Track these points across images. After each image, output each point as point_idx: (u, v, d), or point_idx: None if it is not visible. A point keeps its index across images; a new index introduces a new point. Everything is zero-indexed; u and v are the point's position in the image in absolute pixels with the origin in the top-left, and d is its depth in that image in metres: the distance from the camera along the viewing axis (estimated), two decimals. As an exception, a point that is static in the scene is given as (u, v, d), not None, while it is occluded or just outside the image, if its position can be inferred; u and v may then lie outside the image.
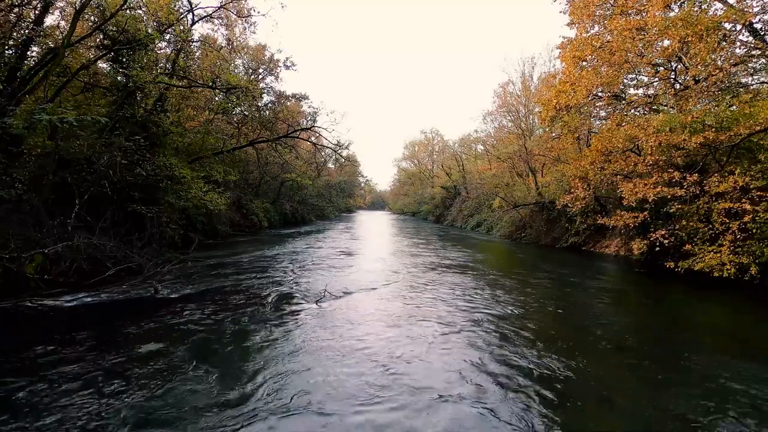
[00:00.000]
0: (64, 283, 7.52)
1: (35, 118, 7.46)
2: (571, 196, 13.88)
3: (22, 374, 4.24)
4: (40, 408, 3.62)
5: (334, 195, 50.06)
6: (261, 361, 4.75)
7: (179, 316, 6.40)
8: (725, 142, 9.45)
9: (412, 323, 6.35)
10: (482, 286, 9.33)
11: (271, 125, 20.08)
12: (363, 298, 7.97)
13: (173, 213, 12.23)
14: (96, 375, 4.27)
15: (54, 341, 5.13)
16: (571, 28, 14.21)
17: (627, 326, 6.85)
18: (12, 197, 7.76)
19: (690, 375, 4.69)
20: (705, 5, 11.09)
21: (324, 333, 5.78)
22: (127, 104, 11.12)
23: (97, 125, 9.05)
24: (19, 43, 9.44)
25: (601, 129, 14.84)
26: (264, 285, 8.85)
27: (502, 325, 6.34)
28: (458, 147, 44.76)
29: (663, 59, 11.96)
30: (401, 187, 69.38)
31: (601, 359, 5.26)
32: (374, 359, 4.88)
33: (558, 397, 4.08)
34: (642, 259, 13.22)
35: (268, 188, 30.66)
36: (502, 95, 30.17)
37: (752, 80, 11.73)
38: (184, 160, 14.23)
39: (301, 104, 26.75)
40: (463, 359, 4.95)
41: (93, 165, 9.39)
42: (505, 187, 24.72)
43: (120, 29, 10.79)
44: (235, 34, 17.07)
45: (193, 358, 4.74)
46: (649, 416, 3.77)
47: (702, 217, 10.33)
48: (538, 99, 18.27)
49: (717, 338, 6.42)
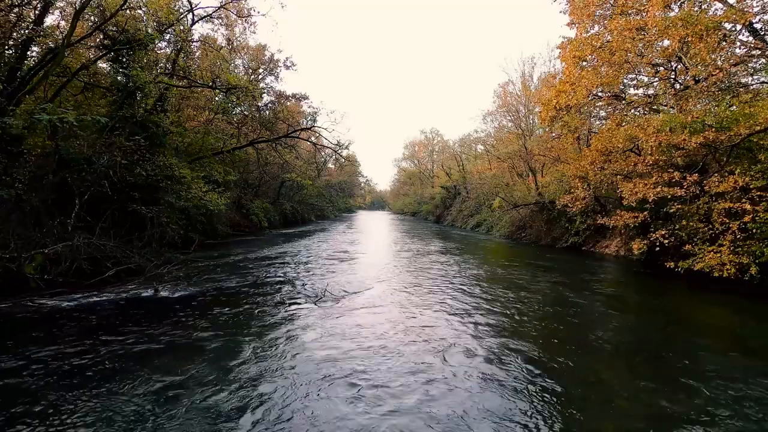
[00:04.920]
0: (64, 283, 7.52)
1: (35, 118, 7.47)
2: (571, 196, 13.88)
3: (22, 374, 4.24)
4: (40, 408, 3.62)
5: (334, 195, 50.05)
6: (261, 362, 4.75)
7: (179, 316, 6.40)
8: (725, 142, 9.44)
9: (412, 323, 6.35)
10: (482, 286, 9.33)
11: (271, 125, 20.07)
12: (363, 299, 7.97)
13: (173, 213, 12.21)
14: (96, 375, 4.27)
15: (54, 341, 5.14)
16: (571, 28, 14.22)
17: (627, 326, 6.85)
18: (12, 197, 7.75)
19: (690, 375, 4.69)
20: (705, 5, 11.09)
21: (324, 333, 5.77)
22: (127, 104, 11.11)
23: (97, 125, 9.05)
24: (19, 43, 9.44)
25: (601, 129, 14.84)
26: (264, 285, 8.85)
27: (502, 326, 6.34)
28: (458, 147, 44.79)
29: (663, 59, 11.95)
30: (401, 187, 69.41)
31: (601, 359, 5.26)
32: (374, 359, 4.88)
33: (558, 397, 4.08)
34: (642, 259, 13.22)
35: (268, 188, 30.64)
36: (502, 95, 30.21)
37: (752, 80, 11.72)
38: (184, 160, 14.21)
39: (301, 104, 26.77)
40: (462, 359, 4.95)
41: (93, 165, 9.38)
42: (505, 187, 24.73)
43: (120, 29, 10.78)
44: (235, 34, 17.06)
45: (192, 359, 4.74)
46: (649, 416, 3.77)
47: (702, 217, 10.32)
48: (538, 99, 18.27)
49: (717, 338, 6.42)
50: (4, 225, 7.40)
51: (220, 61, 15.97)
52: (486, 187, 28.40)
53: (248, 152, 22.03)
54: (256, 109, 19.37)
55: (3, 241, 7.18)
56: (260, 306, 7.14)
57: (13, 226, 7.54)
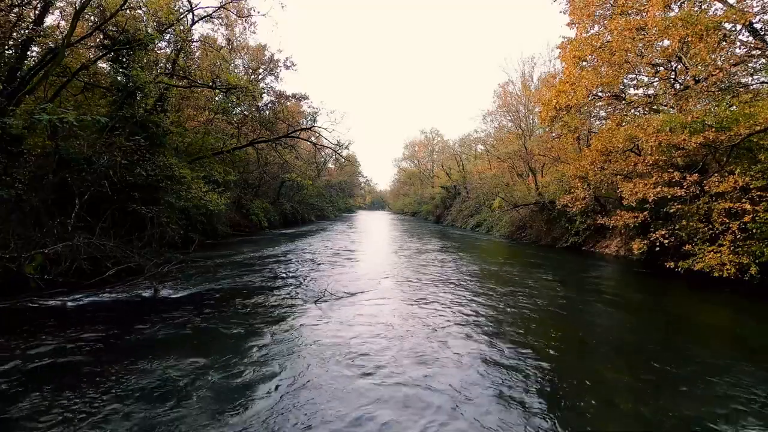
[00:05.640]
0: (64, 283, 7.51)
1: (35, 118, 7.46)
2: (571, 196, 13.88)
3: (22, 374, 4.24)
4: (41, 408, 3.62)
5: (334, 195, 50.04)
6: (261, 362, 4.74)
7: (179, 316, 6.39)
8: (725, 142, 9.45)
9: (412, 324, 6.35)
10: (482, 286, 9.33)
11: (271, 125, 20.07)
12: (363, 299, 7.97)
13: (173, 213, 12.20)
14: (96, 375, 4.27)
15: (54, 341, 5.13)
16: (571, 28, 14.22)
17: (627, 326, 6.85)
18: (12, 197, 7.75)
19: (690, 375, 4.69)
20: (705, 5, 11.09)
21: (324, 334, 5.77)
22: (127, 104, 11.11)
23: (97, 125, 9.05)
24: (19, 43, 9.43)
25: (601, 129, 14.84)
26: (264, 285, 8.86)
27: (502, 326, 6.34)
28: (458, 147, 44.79)
29: (663, 59, 11.95)
30: (401, 187, 69.39)
31: (601, 359, 5.26)
32: (374, 360, 4.88)
33: (558, 397, 4.08)
34: (642, 259, 13.22)
35: (268, 188, 30.63)
36: (502, 95, 30.21)
37: (752, 80, 11.72)
38: (184, 160, 14.21)
39: (301, 104, 26.76)
40: (461, 359, 4.95)
41: (93, 165, 9.37)
42: (505, 187, 24.72)
43: (120, 29, 10.78)
44: (235, 34, 17.07)
45: (192, 359, 4.74)
46: (649, 416, 3.77)
47: (702, 217, 10.32)
48: (538, 99, 18.27)
49: (717, 338, 6.42)
50: (4, 225, 7.40)
51: (220, 61, 15.97)
52: (486, 187, 28.40)
53: (248, 152, 22.03)
54: (256, 109, 19.36)
55: (3, 241, 7.17)
56: (260, 306, 7.14)
57: (13, 226, 7.53)
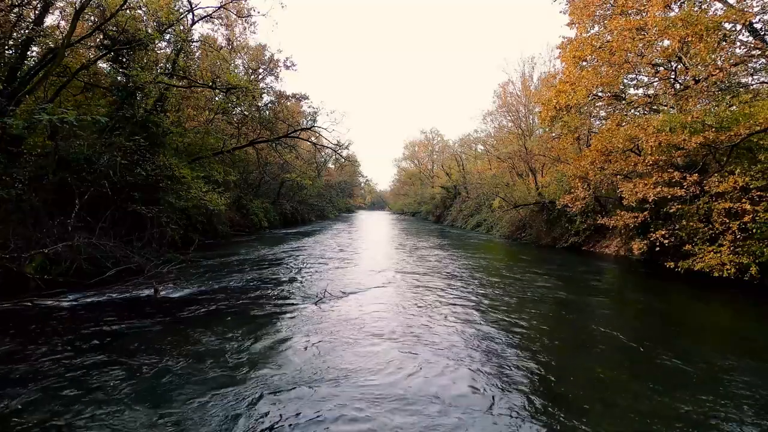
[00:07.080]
0: (64, 283, 7.52)
1: (35, 118, 7.46)
2: (571, 196, 13.87)
3: (22, 374, 4.24)
4: (41, 408, 3.62)
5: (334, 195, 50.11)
6: (260, 363, 4.75)
7: (179, 316, 6.40)
8: (725, 142, 9.45)
9: (412, 324, 6.34)
10: (482, 286, 9.33)
11: (271, 125, 20.06)
12: (363, 299, 7.97)
13: (173, 213, 12.20)
14: (96, 375, 4.27)
15: (54, 341, 5.13)
16: (571, 28, 14.21)
17: (627, 326, 6.85)
18: (12, 197, 7.75)
19: (690, 375, 4.69)
20: (705, 5, 11.09)
21: (324, 334, 5.77)
22: (127, 104, 11.11)
23: (97, 125, 9.06)
24: (19, 43, 9.44)
25: (601, 129, 14.82)
26: (264, 285, 8.85)
27: (502, 326, 6.34)
28: (458, 147, 44.75)
29: (663, 59, 11.96)
30: (401, 187, 69.35)
31: (601, 359, 5.25)
32: (374, 360, 4.88)
33: (558, 397, 4.08)
34: (642, 259, 13.22)
35: (268, 188, 30.62)
36: (502, 95, 30.18)
37: (752, 80, 11.73)
38: (184, 160, 14.20)
39: (301, 104, 26.74)
40: (461, 359, 4.95)
41: (93, 165, 9.38)
42: (505, 187, 24.71)
43: (120, 29, 10.78)
44: (235, 34, 17.09)
45: (192, 359, 4.74)
46: (649, 416, 3.76)
47: (702, 217, 10.32)
48: (538, 99, 18.26)
49: (717, 338, 6.42)
50: (4, 225, 7.40)
51: (220, 61, 15.97)
52: (486, 187, 28.39)
53: (248, 152, 22.03)
54: (256, 109, 19.35)
55: (3, 241, 7.17)
56: (260, 306, 7.13)
57: (13, 226, 7.53)
